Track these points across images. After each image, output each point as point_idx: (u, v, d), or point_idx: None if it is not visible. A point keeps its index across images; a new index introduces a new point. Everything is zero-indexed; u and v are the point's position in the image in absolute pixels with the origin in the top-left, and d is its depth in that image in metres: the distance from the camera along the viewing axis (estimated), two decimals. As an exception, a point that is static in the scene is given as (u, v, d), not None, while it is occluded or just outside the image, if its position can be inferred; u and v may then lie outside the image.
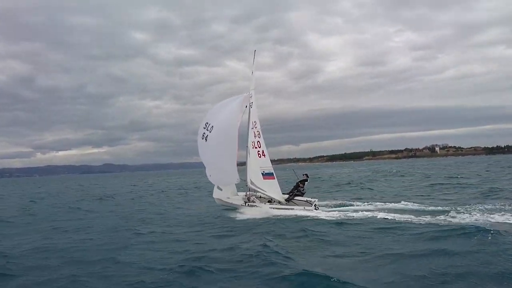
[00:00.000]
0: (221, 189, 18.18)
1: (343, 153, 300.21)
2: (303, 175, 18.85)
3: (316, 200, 17.35)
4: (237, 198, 18.00)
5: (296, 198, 17.77)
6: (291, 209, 16.50)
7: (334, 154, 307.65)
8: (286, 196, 17.98)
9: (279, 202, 17.40)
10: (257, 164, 17.53)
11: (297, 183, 18.35)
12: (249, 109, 17.70)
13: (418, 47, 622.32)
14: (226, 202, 18.04)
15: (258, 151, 17.61)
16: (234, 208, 17.73)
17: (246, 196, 17.92)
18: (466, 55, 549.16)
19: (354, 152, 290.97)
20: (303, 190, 18.12)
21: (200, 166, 17.97)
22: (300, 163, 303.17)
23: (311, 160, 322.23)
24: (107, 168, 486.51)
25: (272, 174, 17.42)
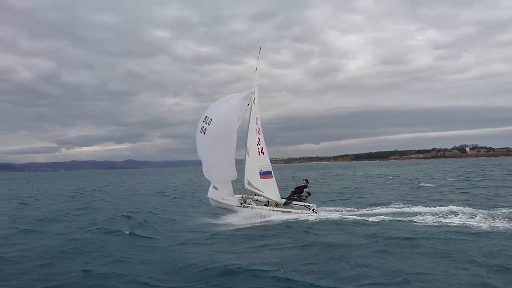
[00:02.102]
0: (216, 189, 17.74)
1: (368, 152, 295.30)
2: (303, 180, 18.54)
3: (315, 205, 17.03)
4: (233, 200, 17.63)
5: (294, 202, 17.45)
6: (288, 212, 16.38)
7: (359, 153, 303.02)
8: (284, 200, 17.66)
9: (277, 204, 17.20)
10: (256, 163, 17.39)
11: (301, 187, 17.98)
12: (251, 106, 17.59)
13: (441, 46, 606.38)
14: (221, 203, 17.64)
15: (258, 148, 17.47)
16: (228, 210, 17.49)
17: (242, 198, 17.59)
18: (489, 54, 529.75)
19: (380, 151, 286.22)
20: (304, 199, 17.66)
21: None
22: (324, 162, 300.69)
23: (335, 158, 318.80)
24: (129, 164, 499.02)
25: (270, 172, 17.26)
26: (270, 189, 17.20)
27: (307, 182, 18.44)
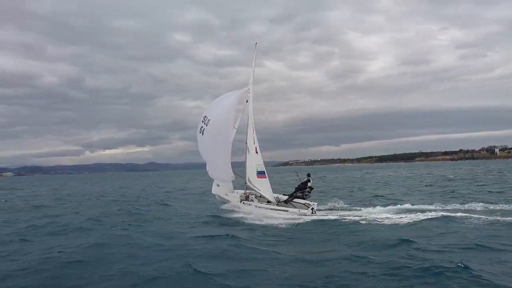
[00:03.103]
0: (218, 185, 18.70)
1: (392, 154, 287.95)
2: (307, 175, 18.33)
3: (315, 203, 16.76)
4: (235, 196, 18.18)
5: (295, 200, 17.41)
6: (286, 211, 16.20)
7: (381, 154, 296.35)
8: (285, 197, 17.81)
9: (278, 202, 17.52)
10: (253, 161, 17.57)
11: (304, 184, 17.78)
12: (249, 104, 17.72)
13: (464, 45, 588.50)
14: (224, 199, 18.42)
15: (256, 147, 17.64)
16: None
17: (244, 194, 17.93)
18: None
19: (404, 153, 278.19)
20: (306, 195, 17.58)
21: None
22: (347, 164, 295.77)
23: (359, 160, 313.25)
24: (151, 167, 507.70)
25: (264, 172, 17.21)
26: (265, 188, 17.33)
27: (309, 176, 18.31)
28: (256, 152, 17.38)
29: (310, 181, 17.95)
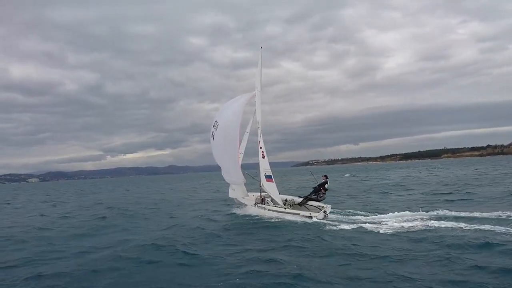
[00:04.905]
0: (234, 189, 19.15)
1: (417, 151, 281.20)
2: (322, 176, 17.94)
3: (329, 206, 16.39)
4: (250, 199, 18.53)
5: (310, 203, 17.30)
6: (297, 213, 16.00)
7: (405, 152, 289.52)
8: (299, 199, 17.75)
9: (292, 204, 17.55)
10: (262, 165, 17.66)
11: (318, 187, 17.52)
12: (256, 109, 17.77)
13: (486, 38, 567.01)
14: (240, 202, 18.94)
15: (262, 151, 17.59)
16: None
17: (260, 197, 18.06)
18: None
19: (430, 150, 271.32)
20: (321, 197, 17.27)
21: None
22: (370, 162, 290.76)
23: (382, 159, 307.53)
24: (172, 170, 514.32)
25: (271, 176, 17.25)
26: (273, 191, 17.36)
27: (327, 177, 17.94)
28: (263, 156, 17.41)
29: (327, 183, 17.65)
